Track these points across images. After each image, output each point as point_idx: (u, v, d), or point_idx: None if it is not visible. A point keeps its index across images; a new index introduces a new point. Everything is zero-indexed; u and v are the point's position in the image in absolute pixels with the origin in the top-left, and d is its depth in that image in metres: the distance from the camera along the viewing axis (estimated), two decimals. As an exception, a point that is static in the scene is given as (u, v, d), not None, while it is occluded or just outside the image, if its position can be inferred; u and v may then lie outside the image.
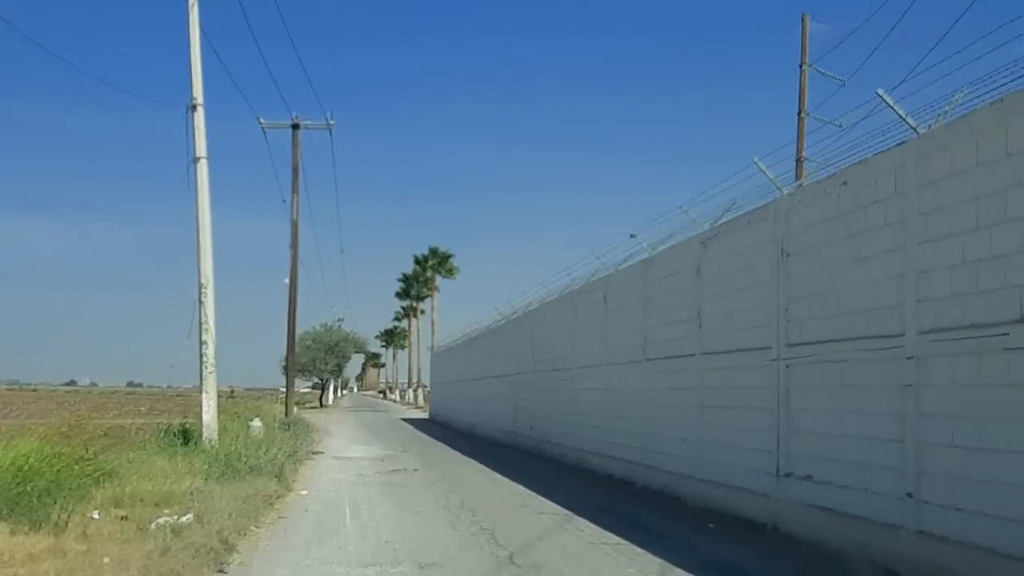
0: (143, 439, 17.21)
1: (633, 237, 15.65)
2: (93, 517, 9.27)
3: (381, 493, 14.08)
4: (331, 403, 78.39)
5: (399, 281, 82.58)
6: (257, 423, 20.20)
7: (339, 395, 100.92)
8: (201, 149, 16.76)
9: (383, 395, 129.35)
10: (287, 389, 31.43)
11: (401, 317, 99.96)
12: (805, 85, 23.43)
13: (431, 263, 73.56)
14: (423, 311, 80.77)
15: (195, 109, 16.74)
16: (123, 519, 9.30)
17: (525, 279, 79.04)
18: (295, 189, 28.31)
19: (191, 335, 16.54)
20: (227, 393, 77.22)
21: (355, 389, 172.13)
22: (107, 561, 7.43)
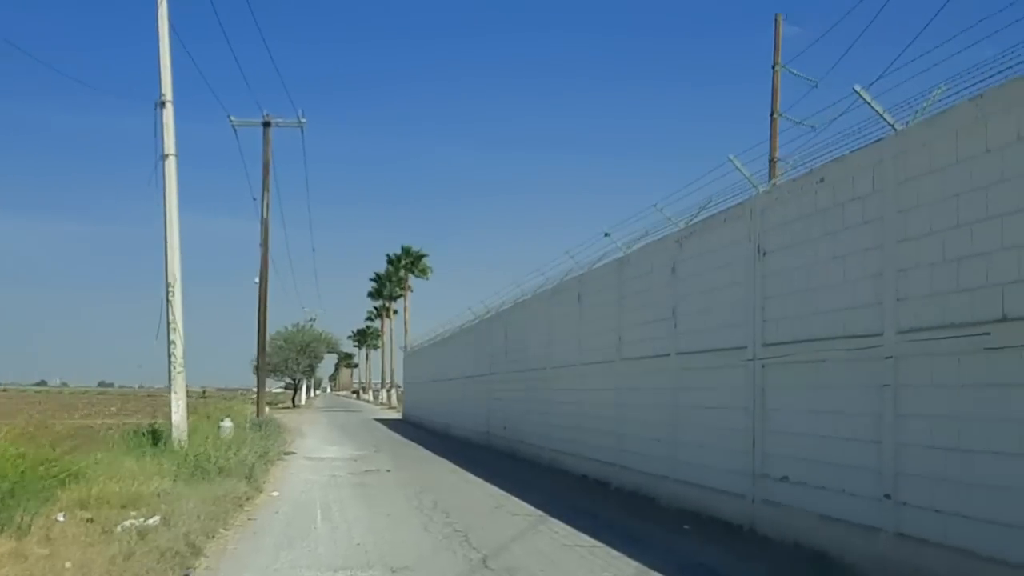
0: (111, 439, 16.93)
1: (607, 236, 15.55)
2: (58, 520, 9.09)
3: (353, 494, 13.92)
4: (304, 403, 78.01)
5: (372, 281, 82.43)
6: (228, 423, 20.08)
7: (312, 395, 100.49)
8: (170, 146, 16.75)
9: (356, 395, 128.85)
10: (258, 389, 31.34)
11: (374, 317, 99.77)
12: (778, 86, 23.50)
13: (404, 262, 73.38)
14: (396, 311, 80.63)
15: (164, 105, 16.81)
16: (89, 521, 9.11)
17: (500, 281, 79.08)
18: (265, 187, 28.22)
19: (159, 335, 16.47)
20: (199, 393, 76.61)
21: (328, 389, 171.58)
22: (69, 566, 7.29)
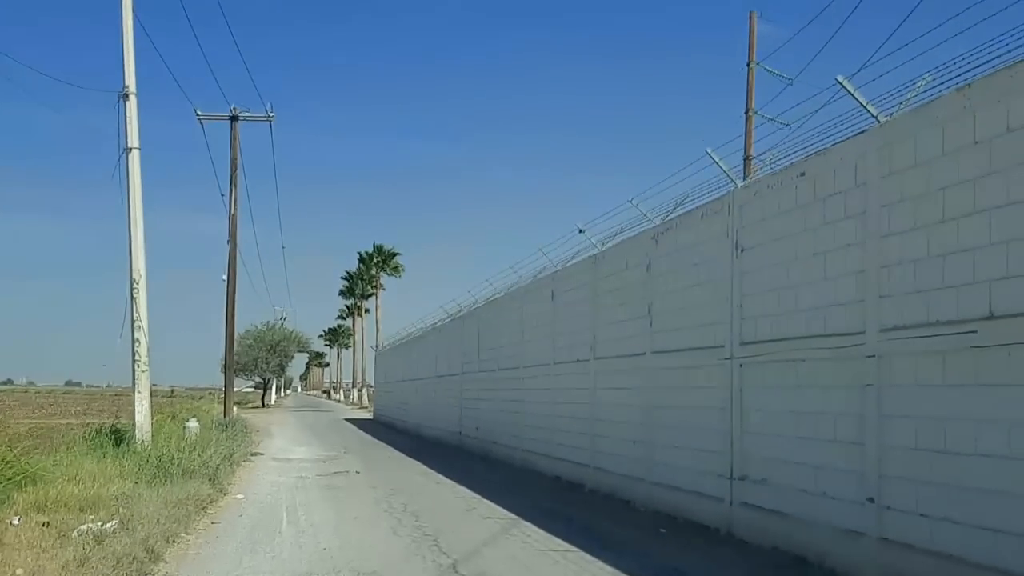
0: (72, 440, 16.54)
1: (582, 232, 15.28)
2: (12, 523, 8.83)
3: (321, 496, 13.60)
4: (273, 403, 77.44)
5: (343, 279, 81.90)
6: (194, 424, 19.81)
7: (282, 395, 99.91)
8: (133, 139, 16.51)
9: (327, 395, 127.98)
10: (225, 389, 30.89)
11: (345, 316, 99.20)
12: (752, 83, 23.47)
13: (376, 260, 72.98)
14: (368, 310, 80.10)
15: (127, 97, 16.64)
16: (44, 525, 8.81)
17: (472, 281, 78.81)
18: (233, 183, 27.84)
19: (124, 333, 16.12)
20: (167, 393, 75.82)
21: (299, 389, 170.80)
22: (19, 573, 7.07)
